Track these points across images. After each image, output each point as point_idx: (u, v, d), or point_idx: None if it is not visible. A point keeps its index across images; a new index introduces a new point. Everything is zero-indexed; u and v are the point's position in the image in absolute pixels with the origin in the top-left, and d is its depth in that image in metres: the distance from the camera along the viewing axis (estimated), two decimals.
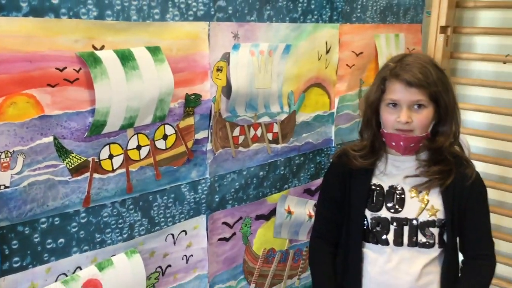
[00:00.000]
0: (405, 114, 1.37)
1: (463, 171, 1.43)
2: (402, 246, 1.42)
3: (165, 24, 1.38)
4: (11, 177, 1.17)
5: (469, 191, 1.43)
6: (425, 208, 1.42)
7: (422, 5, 2.27)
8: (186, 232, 1.58)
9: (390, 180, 1.46)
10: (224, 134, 1.60)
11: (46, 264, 1.28)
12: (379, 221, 1.44)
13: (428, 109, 1.37)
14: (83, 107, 1.26)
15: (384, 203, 1.45)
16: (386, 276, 1.44)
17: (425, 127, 1.40)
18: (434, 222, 1.41)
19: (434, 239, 1.42)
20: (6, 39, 1.09)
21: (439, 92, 1.35)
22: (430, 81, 1.34)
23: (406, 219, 1.42)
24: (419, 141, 1.41)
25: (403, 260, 1.43)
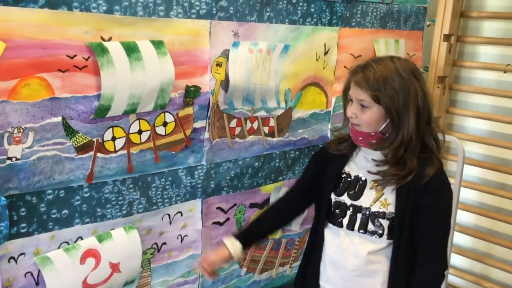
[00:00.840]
0: (350, 109, 1.48)
1: (423, 170, 1.46)
2: (353, 231, 1.52)
3: (169, 20, 1.51)
4: (22, 150, 1.31)
5: (423, 190, 1.45)
6: (378, 199, 1.51)
7: (424, 13, 2.36)
8: (182, 213, 1.71)
9: (358, 170, 1.55)
10: (221, 125, 1.73)
11: (50, 232, 1.42)
12: (339, 205, 1.55)
13: (372, 110, 1.43)
14: (90, 91, 1.39)
15: (347, 190, 1.55)
16: (338, 255, 1.55)
17: (370, 126, 1.46)
18: (385, 214, 1.49)
19: (383, 230, 1.49)
20: (23, 28, 1.24)
21: (381, 96, 1.41)
22: (371, 84, 1.41)
23: (361, 207, 1.51)
24: (366, 136, 1.48)
25: (352, 243, 1.52)
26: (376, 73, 1.42)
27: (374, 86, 1.41)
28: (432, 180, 1.45)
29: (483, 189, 2.61)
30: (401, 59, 1.48)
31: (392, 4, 2.18)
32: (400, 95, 1.40)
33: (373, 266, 1.51)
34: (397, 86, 1.41)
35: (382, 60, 1.47)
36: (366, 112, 1.44)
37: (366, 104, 1.43)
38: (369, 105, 1.43)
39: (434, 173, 1.45)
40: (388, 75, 1.41)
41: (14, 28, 1.23)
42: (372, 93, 1.41)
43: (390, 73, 1.42)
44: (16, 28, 1.23)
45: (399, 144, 1.43)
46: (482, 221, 2.64)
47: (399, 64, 1.45)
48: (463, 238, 2.72)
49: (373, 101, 1.42)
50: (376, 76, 1.41)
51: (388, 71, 1.42)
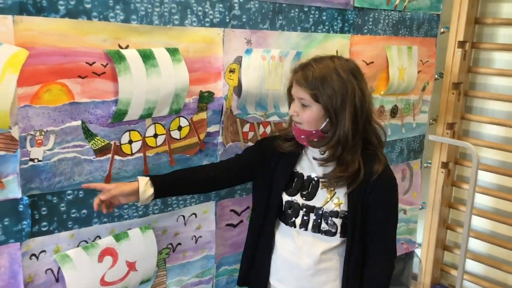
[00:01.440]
0: (291, 107, 1.50)
1: (371, 167, 1.49)
2: (306, 231, 1.54)
3: (183, 28, 1.58)
4: (43, 152, 1.38)
5: (373, 186, 1.49)
6: (330, 199, 1.53)
7: (437, 20, 2.38)
8: (196, 215, 1.77)
9: (309, 170, 1.57)
10: (234, 129, 1.78)
11: (70, 230, 1.49)
12: (291, 205, 1.56)
13: (311, 109, 1.45)
14: (108, 97, 1.46)
15: (300, 190, 1.57)
16: (290, 255, 1.56)
17: (311, 124, 1.47)
18: (338, 213, 1.52)
19: (336, 229, 1.52)
20: (45, 36, 1.31)
21: (319, 95, 1.43)
22: (310, 83, 1.43)
23: (314, 207, 1.54)
24: (307, 134, 1.49)
25: (306, 243, 1.55)
26: (315, 72, 1.44)
27: (313, 85, 1.44)
28: (380, 177, 1.49)
29: (498, 195, 2.61)
30: (341, 59, 1.50)
31: (404, 11, 2.21)
32: (337, 94, 1.42)
33: (325, 264, 1.54)
34: (335, 85, 1.43)
35: (322, 59, 1.49)
36: (306, 111, 1.46)
37: (306, 103, 1.46)
38: (309, 104, 1.45)
39: (382, 170, 1.49)
40: (327, 74, 1.43)
41: (37, 37, 1.30)
42: (311, 92, 1.44)
43: (329, 72, 1.44)
44: (39, 37, 1.31)
45: (336, 142, 1.45)
46: (497, 227, 2.64)
47: (338, 63, 1.47)
48: (479, 244, 2.71)
49: (312, 99, 1.44)
50: (315, 75, 1.44)
51: (327, 70, 1.44)
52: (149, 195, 1.46)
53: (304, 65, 1.49)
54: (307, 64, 1.48)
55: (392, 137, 2.36)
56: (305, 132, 1.49)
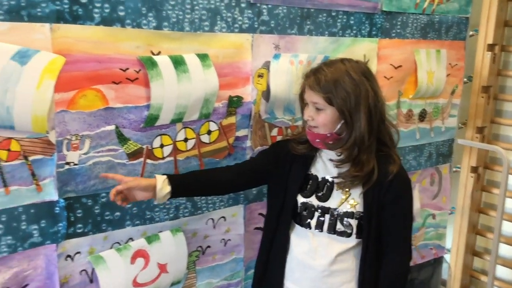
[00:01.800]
0: (306, 112, 1.52)
1: (385, 168, 1.50)
2: (322, 232, 1.54)
3: (213, 34, 1.60)
4: (79, 156, 1.43)
5: (388, 187, 1.49)
6: (345, 200, 1.53)
7: (465, 23, 2.36)
8: (225, 218, 1.79)
9: (324, 172, 1.58)
10: (262, 134, 1.80)
11: (103, 232, 1.52)
12: (307, 207, 1.57)
13: (326, 112, 1.47)
14: (140, 102, 1.50)
15: (315, 192, 1.58)
16: (305, 256, 1.56)
17: (326, 127, 1.48)
18: (353, 214, 1.52)
19: (352, 230, 1.52)
20: (80, 43, 1.36)
21: (334, 98, 1.44)
22: (323, 87, 1.44)
23: (329, 208, 1.54)
24: (323, 137, 1.50)
25: (321, 244, 1.55)
26: (327, 75, 1.46)
27: (326, 88, 1.45)
28: (396, 177, 1.50)
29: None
30: (351, 61, 1.51)
31: (433, 14, 2.20)
32: (351, 96, 1.44)
33: (340, 265, 1.54)
34: (348, 87, 1.44)
35: (333, 63, 1.51)
36: (321, 114, 1.47)
37: (320, 107, 1.47)
38: (323, 107, 1.47)
39: (397, 171, 1.50)
40: (339, 77, 1.45)
41: (73, 44, 1.35)
42: (324, 95, 1.45)
43: (340, 74, 1.45)
44: (75, 44, 1.35)
45: (352, 143, 1.47)
46: None
47: (349, 66, 1.48)
48: (509, 249, 2.66)
49: (326, 103, 1.46)
50: (327, 79, 1.45)
51: (339, 73, 1.46)
52: (166, 193, 1.46)
53: (315, 70, 1.51)
54: (318, 68, 1.50)
55: (420, 141, 2.34)
56: (320, 135, 1.50)
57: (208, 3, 1.57)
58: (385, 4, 2.01)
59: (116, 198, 1.42)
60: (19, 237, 1.38)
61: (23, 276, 1.41)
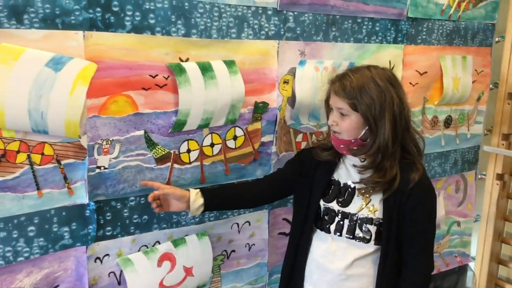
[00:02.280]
0: (330, 117, 1.53)
1: (407, 176, 1.49)
2: (341, 236, 1.54)
3: (240, 41, 1.63)
4: (109, 160, 1.46)
5: (409, 195, 1.48)
6: (365, 205, 1.53)
7: (492, 29, 2.35)
8: (250, 223, 1.80)
9: (346, 178, 1.59)
10: (287, 139, 1.82)
11: (132, 235, 1.55)
12: (328, 212, 1.58)
13: (350, 118, 1.47)
14: (168, 108, 1.53)
15: (336, 197, 1.58)
16: (324, 259, 1.57)
17: (350, 133, 1.49)
18: (372, 220, 1.51)
19: (371, 236, 1.52)
20: (112, 50, 1.39)
21: (359, 104, 1.44)
22: (348, 93, 1.45)
23: (349, 213, 1.54)
24: (347, 143, 1.51)
25: (339, 248, 1.55)
26: (352, 81, 1.46)
27: (351, 94, 1.46)
28: (417, 185, 1.48)
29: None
30: (377, 68, 1.52)
31: (458, 21, 2.19)
32: (376, 102, 1.44)
33: (358, 270, 1.54)
34: (373, 93, 1.44)
35: (359, 69, 1.52)
36: (346, 120, 1.48)
37: (344, 112, 1.48)
38: (348, 113, 1.47)
39: (419, 178, 1.49)
40: (364, 83, 1.45)
41: (105, 51, 1.38)
42: (349, 101, 1.46)
43: (366, 81, 1.46)
44: (107, 51, 1.38)
45: (376, 150, 1.47)
46: None
47: (375, 72, 1.49)
48: None
49: (351, 108, 1.46)
50: (352, 85, 1.46)
51: (365, 79, 1.46)
52: (199, 205, 1.52)
53: (341, 76, 1.52)
54: (344, 74, 1.51)
55: (446, 147, 2.33)
56: (344, 141, 1.51)
57: (236, 11, 1.59)
58: (411, 11, 2.01)
59: (152, 204, 1.50)
60: (51, 239, 1.41)
61: (53, 277, 1.44)
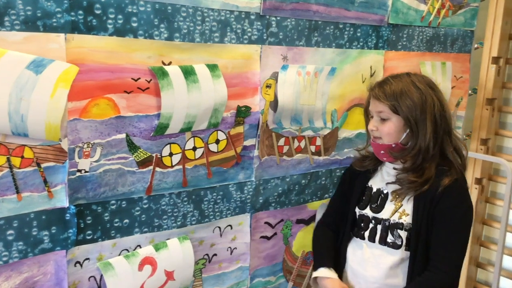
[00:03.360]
0: (371, 123, 1.57)
1: (439, 181, 1.50)
2: (374, 243, 1.57)
3: (223, 45, 1.63)
4: (90, 163, 1.45)
5: (438, 200, 1.49)
6: (397, 211, 1.55)
7: (471, 36, 2.39)
8: (232, 226, 1.81)
9: (380, 183, 1.62)
10: (270, 143, 1.82)
11: (112, 239, 1.54)
12: (363, 218, 1.61)
13: (391, 121, 1.51)
14: (151, 111, 1.52)
15: (370, 203, 1.61)
16: (359, 266, 1.60)
17: (391, 137, 1.52)
18: (403, 225, 1.53)
19: (402, 241, 1.53)
20: (94, 53, 1.38)
21: (398, 106, 1.48)
22: (389, 95, 1.49)
23: (382, 219, 1.57)
24: (388, 148, 1.53)
25: (374, 255, 1.57)
26: (392, 85, 1.51)
27: (391, 97, 1.49)
28: (447, 190, 1.49)
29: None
30: (417, 74, 1.56)
31: (438, 27, 2.23)
32: (417, 104, 1.47)
33: (392, 280, 1.55)
34: (414, 96, 1.48)
35: (399, 75, 1.57)
36: (386, 124, 1.51)
37: (385, 116, 1.51)
38: (388, 116, 1.50)
39: (449, 183, 1.49)
40: (404, 86, 1.50)
41: (87, 54, 1.37)
42: (389, 104, 1.49)
43: (406, 84, 1.50)
44: (89, 54, 1.38)
45: (417, 152, 1.49)
46: None
47: (415, 77, 1.54)
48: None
49: (391, 111, 1.49)
50: (393, 88, 1.50)
51: (404, 83, 1.51)
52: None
53: (381, 81, 1.56)
54: (384, 80, 1.56)
55: None
56: (385, 146, 1.54)
57: (219, 15, 1.60)
58: (391, 17, 2.03)
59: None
60: (30, 243, 1.39)
61: (33, 282, 1.43)
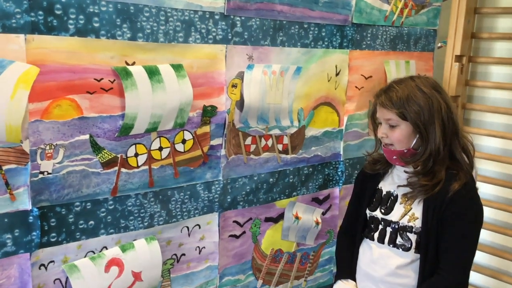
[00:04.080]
0: (380, 130, 1.59)
1: (449, 185, 1.51)
2: (383, 244, 1.60)
3: (187, 45, 1.63)
4: (53, 165, 1.43)
5: (447, 204, 1.51)
6: (406, 214, 1.58)
7: (433, 35, 2.44)
8: (200, 226, 1.81)
9: (390, 186, 1.65)
10: (237, 142, 1.83)
11: (78, 241, 1.53)
12: (373, 220, 1.64)
13: (400, 127, 1.53)
14: (115, 111, 1.52)
15: (380, 205, 1.64)
16: (368, 267, 1.64)
17: (402, 143, 1.55)
18: (412, 228, 1.56)
19: (411, 244, 1.56)
20: (55, 54, 1.37)
21: (406, 112, 1.50)
22: (395, 103, 1.51)
23: (391, 221, 1.59)
24: (399, 154, 1.56)
25: (382, 256, 1.60)
26: (398, 92, 1.52)
27: (398, 104, 1.51)
28: (456, 195, 1.50)
29: (497, 206, 2.64)
30: (421, 77, 1.58)
31: (401, 27, 2.27)
32: (424, 109, 1.49)
33: (401, 280, 1.58)
34: (420, 100, 1.50)
35: (403, 80, 1.58)
36: (396, 131, 1.53)
37: (393, 123, 1.53)
38: (397, 123, 1.53)
39: (459, 188, 1.50)
40: (410, 92, 1.51)
41: (48, 55, 1.36)
42: (397, 111, 1.51)
43: (412, 90, 1.52)
44: (49, 54, 1.36)
45: (428, 155, 1.52)
46: (496, 237, 2.67)
47: (419, 81, 1.55)
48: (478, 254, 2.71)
49: (399, 118, 1.52)
50: (399, 95, 1.52)
51: (410, 89, 1.52)
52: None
53: (386, 88, 1.58)
54: (389, 87, 1.57)
55: None
56: (397, 152, 1.56)
57: (182, 15, 1.60)
58: (355, 17, 2.07)
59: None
60: None
61: None
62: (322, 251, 2.23)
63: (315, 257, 2.20)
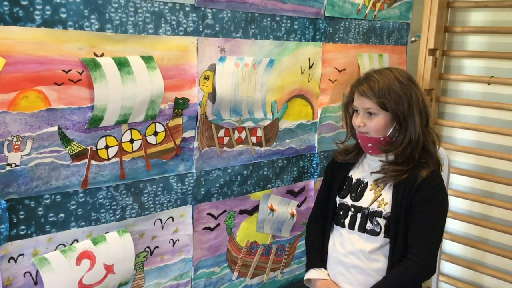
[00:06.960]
0: (358, 119, 1.63)
1: (418, 172, 1.58)
2: (354, 230, 1.63)
3: (158, 37, 1.63)
4: (21, 157, 1.42)
5: (416, 190, 1.57)
6: (376, 199, 1.61)
7: (406, 28, 2.47)
8: (173, 218, 1.81)
9: (360, 174, 1.69)
10: (210, 135, 1.84)
11: (48, 234, 1.52)
12: (342, 206, 1.67)
13: (379, 116, 1.58)
14: (84, 103, 1.51)
15: (350, 192, 1.67)
16: (339, 253, 1.67)
17: (379, 131, 1.60)
18: (381, 213, 1.60)
19: (380, 229, 1.60)
20: (21, 45, 1.36)
21: (387, 102, 1.55)
22: (377, 92, 1.55)
23: (361, 207, 1.63)
24: (375, 141, 1.61)
25: (353, 242, 1.63)
26: (379, 82, 1.57)
27: (379, 94, 1.55)
28: (425, 181, 1.56)
29: (471, 198, 2.68)
30: (397, 69, 1.64)
31: (374, 20, 2.30)
32: (404, 99, 1.55)
33: (372, 264, 1.61)
34: (400, 91, 1.55)
35: (381, 71, 1.63)
36: (374, 119, 1.58)
37: (373, 112, 1.57)
38: (376, 112, 1.57)
39: (427, 175, 1.57)
40: (390, 83, 1.56)
41: (14, 45, 1.35)
42: (378, 100, 1.55)
43: (391, 80, 1.57)
44: (16, 45, 1.35)
45: (407, 145, 1.57)
46: (471, 229, 2.71)
47: (396, 72, 1.61)
48: (454, 246, 2.78)
49: (379, 108, 1.56)
50: (380, 85, 1.56)
51: (389, 79, 1.57)
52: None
53: (365, 77, 1.62)
54: (368, 76, 1.61)
55: None
56: (373, 139, 1.60)
57: (152, 6, 1.59)
58: (328, 10, 2.08)
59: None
60: None
61: None
62: (298, 243, 2.24)
63: (290, 249, 2.21)
